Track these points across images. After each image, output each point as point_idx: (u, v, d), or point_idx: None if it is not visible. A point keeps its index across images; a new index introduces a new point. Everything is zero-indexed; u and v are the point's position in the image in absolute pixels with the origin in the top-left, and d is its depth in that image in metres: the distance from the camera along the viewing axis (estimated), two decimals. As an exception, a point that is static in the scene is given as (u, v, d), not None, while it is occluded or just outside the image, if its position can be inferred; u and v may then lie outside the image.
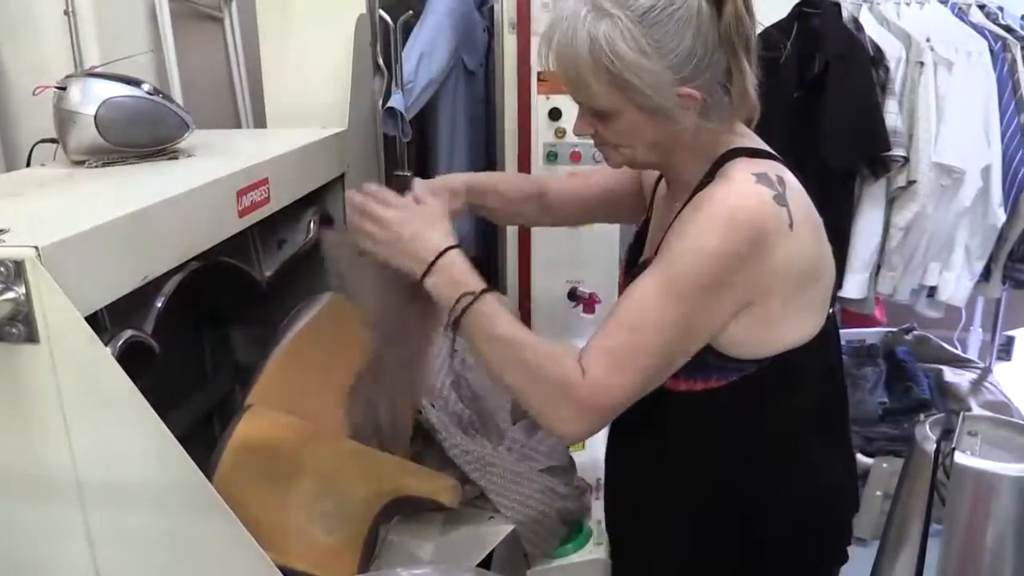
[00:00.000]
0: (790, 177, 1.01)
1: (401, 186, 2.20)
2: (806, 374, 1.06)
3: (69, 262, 0.91)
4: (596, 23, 0.93)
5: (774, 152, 1.05)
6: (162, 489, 0.96)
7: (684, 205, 1.01)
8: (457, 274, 1.03)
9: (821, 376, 1.10)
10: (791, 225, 0.96)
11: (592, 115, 1.03)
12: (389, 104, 2.09)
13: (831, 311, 1.08)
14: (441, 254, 1.03)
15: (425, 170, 2.47)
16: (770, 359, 1.02)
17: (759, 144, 1.05)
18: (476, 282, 1.03)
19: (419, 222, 1.06)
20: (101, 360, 0.90)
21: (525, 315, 2.34)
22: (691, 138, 1.02)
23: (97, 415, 0.93)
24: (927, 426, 1.11)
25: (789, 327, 1.02)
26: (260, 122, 2.24)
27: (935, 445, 1.07)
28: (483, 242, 2.63)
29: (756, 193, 0.95)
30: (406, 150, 2.17)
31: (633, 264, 1.17)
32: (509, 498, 1.30)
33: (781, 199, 0.96)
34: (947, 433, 1.09)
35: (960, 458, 1.06)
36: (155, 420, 0.93)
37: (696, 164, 1.04)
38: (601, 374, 0.96)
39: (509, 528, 1.28)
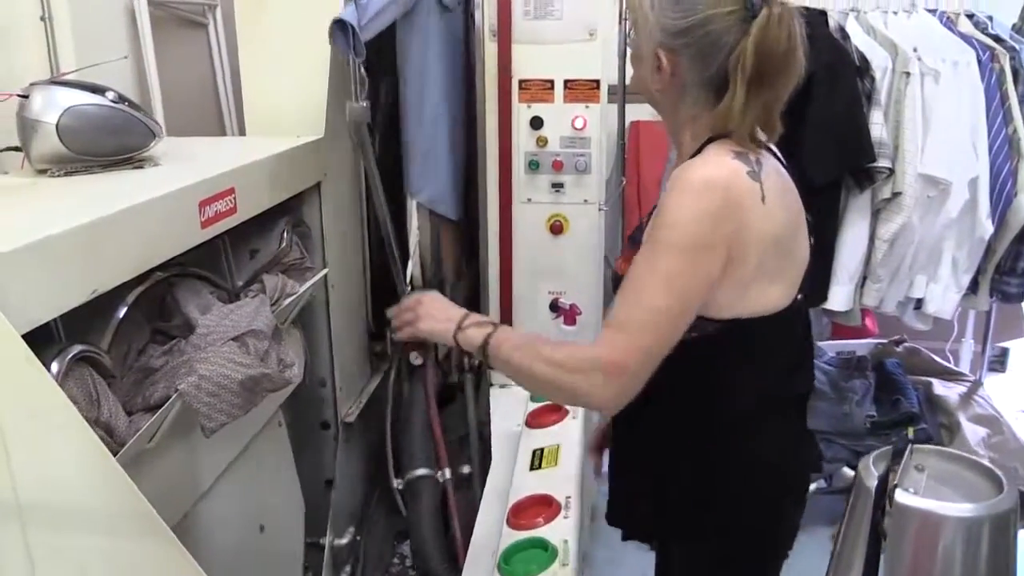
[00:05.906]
0: (771, 162, 1.13)
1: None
2: (760, 346, 1.14)
3: (11, 275, 0.89)
4: None
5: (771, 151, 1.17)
6: (103, 511, 0.94)
7: None
8: (476, 322, 1.23)
9: (780, 353, 1.18)
10: (763, 199, 1.07)
11: None
12: (338, 16, 1.75)
13: (799, 296, 1.16)
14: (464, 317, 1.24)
15: (397, 138, 2.21)
16: (727, 321, 1.11)
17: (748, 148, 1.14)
18: (489, 321, 1.23)
19: (436, 305, 1.28)
20: (38, 378, 0.88)
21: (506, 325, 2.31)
22: (689, 117, 1.16)
23: (36, 435, 0.90)
24: (871, 460, 1.05)
25: (757, 292, 1.11)
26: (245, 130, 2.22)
27: (875, 482, 1.01)
28: (468, 252, 2.59)
29: (730, 165, 1.08)
30: (358, 72, 1.87)
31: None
32: (181, 378, 1.22)
33: (755, 175, 1.07)
34: (897, 460, 1.04)
35: (902, 497, 0.99)
36: (94, 441, 0.90)
37: (692, 144, 1.16)
38: (618, 339, 1.07)
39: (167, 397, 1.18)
